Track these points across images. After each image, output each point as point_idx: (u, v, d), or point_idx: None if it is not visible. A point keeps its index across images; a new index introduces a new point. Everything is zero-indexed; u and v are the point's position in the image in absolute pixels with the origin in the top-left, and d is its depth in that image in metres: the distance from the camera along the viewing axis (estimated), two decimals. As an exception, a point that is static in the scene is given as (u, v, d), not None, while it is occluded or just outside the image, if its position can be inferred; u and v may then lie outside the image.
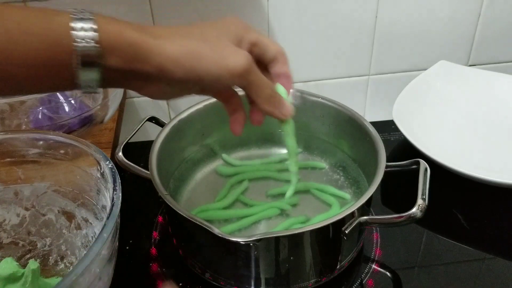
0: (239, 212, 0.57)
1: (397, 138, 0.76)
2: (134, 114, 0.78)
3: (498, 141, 0.71)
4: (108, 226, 0.38)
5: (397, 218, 0.47)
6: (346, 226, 0.47)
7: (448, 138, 0.71)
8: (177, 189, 0.60)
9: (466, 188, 0.65)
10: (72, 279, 0.34)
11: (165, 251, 0.58)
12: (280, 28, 0.72)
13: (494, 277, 0.54)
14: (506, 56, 0.81)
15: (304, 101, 0.64)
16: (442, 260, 0.56)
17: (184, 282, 0.54)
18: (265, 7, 0.70)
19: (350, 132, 0.61)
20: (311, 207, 0.58)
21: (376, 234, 0.59)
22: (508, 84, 0.76)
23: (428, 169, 0.52)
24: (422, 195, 0.48)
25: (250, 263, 0.48)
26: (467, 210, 0.63)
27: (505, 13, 0.76)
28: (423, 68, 0.77)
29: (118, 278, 0.46)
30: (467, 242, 0.59)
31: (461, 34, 0.78)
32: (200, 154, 0.65)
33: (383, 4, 0.72)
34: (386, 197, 0.65)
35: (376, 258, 0.56)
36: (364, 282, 0.54)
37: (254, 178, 0.62)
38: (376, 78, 0.80)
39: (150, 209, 0.64)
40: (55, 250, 0.53)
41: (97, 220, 0.50)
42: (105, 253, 0.40)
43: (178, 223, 0.52)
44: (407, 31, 0.76)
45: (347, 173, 0.62)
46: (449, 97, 0.76)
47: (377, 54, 0.77)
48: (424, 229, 0.61)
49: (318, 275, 0.51)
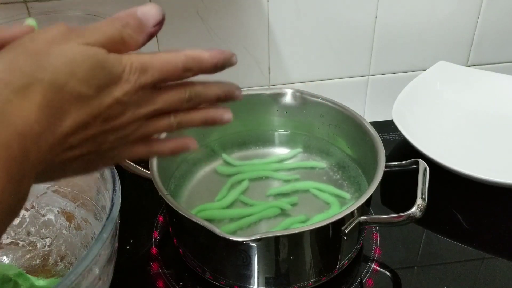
0: (239, 211, 0.57)
1: (397, 138, 0.76)
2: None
3: (497, 141, 0.71)
4: (107, 227, 0.38)
5: (396, 217, 0.47)
6: (346, 225, 0.47)
7: (447, 138, 0.71)
8: (178, 189, 0.60)
9: (465, 188, 0.65)
10: (72, 279, 0.34)
11: (165, 250, 0.58)
12: (280, 28, 0.72)
13: (494, 277, 0.54)
14: (506, 56, 0.81)
15: (304, 101, 0.64)
16: (442, 260, 0.56)
17: (184, 282, 0.54)
18: (265, 7, 0.70)
19: (350, 132, 0.61)
20: (311, 206, 0.58)
21: (375, 233, 0.59)
22: (508, 84, 0.76)
23: (427, 169, 0.52)
24: (421, 195, 0.48)
25: (250, 263, 0.48)
26: (467, 210, 0.63)
27: (504, 13, 0.76)
28: (422, 69, 0.78)
29: (118, 278, 0.46)
30: (466, 242, 0.59)
31: (460, 35, 0.78)
32: (200, 154, 0.65)
33: (383, 4, 0.72)
34: (385, 197, 0.65)
35: (375, 258, 0.56)
36: (364, 281, 0.54)
37: (254, 178, 0.62)
38: (376, 79, 0.80)
39: (150, 209, 0.64)
40: (55, 251, 0.53)
41: (96, 221, 0.50)
42: (105, 253, 0.40)
43: (179, 223, 0.52)
44: (406, 31, 0.76)
45: (346, 173, 0.62)
46: (449, 97, 0.76)
47: (377, 54, 0.77)
48: (424, 229, 0.61)
49: (318, 275, 0.51)
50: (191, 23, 0.70)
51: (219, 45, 0.72)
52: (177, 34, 0.70)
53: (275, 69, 0.76)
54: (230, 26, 0.71)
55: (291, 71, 0.77)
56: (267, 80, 0.77)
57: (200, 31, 0.71)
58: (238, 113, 0.65)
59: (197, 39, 0.71)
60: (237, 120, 0.66)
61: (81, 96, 0.27)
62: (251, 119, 0.67)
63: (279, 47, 0.74)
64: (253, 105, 0.66)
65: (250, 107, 0.66)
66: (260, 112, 0.66)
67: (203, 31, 0.71)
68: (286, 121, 0.67)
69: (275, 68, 0.76)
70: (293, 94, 0.64)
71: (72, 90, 0.27)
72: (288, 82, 0.78)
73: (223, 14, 0.70)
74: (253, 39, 0.73)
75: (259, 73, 0.76)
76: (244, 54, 0.74)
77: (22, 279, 0.48)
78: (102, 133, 0.29)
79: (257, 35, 0.72)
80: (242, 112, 0.66)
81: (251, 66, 0.75)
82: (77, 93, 0.27)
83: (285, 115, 0.66)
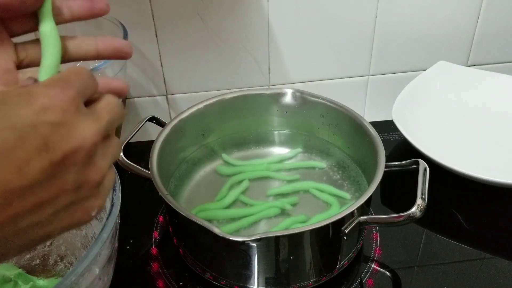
0: (239, 211, 0.57)
1: (397, 138, 0.76)
2: (135, 114, 0.78)
3: (497, 141, 0.71)
4: (107, 227, 0.38)
5: (396, 217, 0.47)
6: (346, 225, 0.47)
7: (447, 138, 0.71)
8: (178, 189, 0.60)
9: (465, 188, 0.65)
10: (72, 279, 0.34)
11: (165, 250, 0.58)
12: (280, 28, 0.72)
13: (493, 277, 0.54)
14: (505, 57, 0.81)
15: (304, 101, 0.64)
16: (442, 260, 0.56)
17: (184, 282, 0.54)
18: (265, 7, 0.70)
19: (349, 132, 0.61)
20: (310, 206, 0.58)
21: (375, 233, 0.59)
22: (508, 84, 0.76)
23: (427, 169, 0.52)
24: (421, 195, 0.48)
25: (250, 263, 0.48)
26: (467, 210, 0.63)
27: (504, 13, 0.76)
28: (422, 69, 0.78)
29: (118, 278, 0.46)
30: (466, 242, 0.59)
31: (460, 35, 0.78)
32: (200, 154, 0.65)
33: (383, 4, 0.72)
34: (385, 197, 0.65)
35: (375, 258, 0.56)
36: (364, 281, 0.54)
37: (254, 178, 0.62)
38: (376, 79, 0.80)
39: (150, 208, 0.64)
40: (55, 250, 0.53)
41: (96, 221, 0.50)
42: (105, 253, 0.40)
43: (179, 223, 0.52)
44: (406, 31, 0.76)
45: (346, 173, 0.62)
46: (449, 97, 0.76)
47: (377, 54, 0.77)
48: (424, 228, 0.61)
49: (318, 275, 0.51)
50: (191, 23, 0.70)
51: (219, 45, 0.72)
52: (177, 34, 0.70)
53: (275, 69, 0.76)
54: (230, 26, 0.71)
55: (291, 71, 0.77)
56: (267, 80, 0.77)
57: (200, 31, 0.71)
58: (238, 113, 0.66)
59: (197, 39, 0.71)
60: (237, 120, 0.66)
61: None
62: (251, 119, 0.67)
63: (279, 47, 0.74)
64: (253, 105, 0.66)
65: (250, 107, 0.66)
66: (260, 112, 0.66)
67: (203, 31, 0.71)
68: (286, 121, 0.67)
69: (275, 68, 0.76)
70: (293, 94, 0.64)
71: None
72: (288, 82, 0.78)
73: (223, 14, 0.70)
74: (253, 39, 0.73)
75: (259, 73, 0.76)
76: (244, 54, 0.74)
77: (22, 279, 0.48)
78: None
79: (257, 35, 0.72)
80: (242, 112, 0.66)
81: (251, 66, 0.75)
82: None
83: (285, 115, 0.66)
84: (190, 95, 0.77)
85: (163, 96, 0.77)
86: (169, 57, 0.73)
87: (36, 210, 0.24)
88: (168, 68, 0.74)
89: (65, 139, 0.24)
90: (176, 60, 0.73)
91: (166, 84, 0.76)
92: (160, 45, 0.71)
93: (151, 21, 0.69)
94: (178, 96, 0.77)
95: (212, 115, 0.64)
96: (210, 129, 0.65)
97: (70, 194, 0.25)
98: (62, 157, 0.24)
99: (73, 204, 0.26)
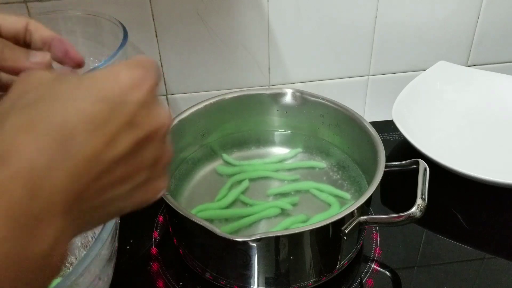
0: (239, 211, 0.57)
1: (397, 138, 0.76)
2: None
3: (497, 141, 0.71)
4: (107, 227, 0.38)
5: (396, 217, 0.47)
6: (346, 225, 0.47)
7: (447, 138, 0.71)
8: (178, 189, 0.60)
9: (465, 188, 0.65)
10: (72, 279, 0.34)
11: (165, 250, 0.58)
12: (280, 28, 0.72)
13: (494, 277, 0.54)
14: (505, 56, 0.81)
15: (304, 101, 0.64)
16: (442, 260, 0.56)
17: (184, 282, 0.54)
18: (265, 7, 0.70)
19: (349, 132, 0.61)
20: (311, 206, 0.58)
21: (375, 233, 0.59)
22: (508, 84, 0.76)
23: (427, 169, 0.52)
24: (421, 195, 0.48)
25: (250, 263, 0.48)
26: (467, 210, 0.63)
27: (504, 13, 0.76)
28: (422, 69, 0.78)
29: (118, 278, 0.46)
30: (466, 242, 0.59)
31: (460, 35, 0.78)
32: (200, 154, 0.65)
33: (383, 4, 0.72)
34: (385, 197, 0.65)
35: (375, 258, 0.56)
36: (364, 281, 0.54)
37: (254, 178, 0.62)
38: (376, 78, 0.80)
39: (150, 208, 0.63)
40: (55, 250, 0.53)
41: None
42: (105, 253, 0.40)
43: (179, 223, 0.52)
44: (406, 31, 0.76)
45: (346, 173, 0.62)
46: (449, 97, 0.76)
47: (377, 54, 0.77)
48: (424, 228, 0.61)
49: (318, 275, 0.51)
50: (191, 23, 0.70)
51: (219, 45, 0.72)
52: (177, 34, 0.70)
53: (275, 69, 0.76)
54: (230, 26, 0.71)
55: (291, 71, 0.77)
56: (267, 80, 0.77)
57: (200, 31, 0.71)
58: (238, 113, 0.66)
59: (197, 39, 0.71)
60: (237, 120, 0.66)
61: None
62: (251, 119, 0.67)
63: (279, 47, 0.74)
64: (253, 105, 0.66)
65: (250, 107, 0.66)
66: (260, 112, 0.66)
67: (203, 31, 0.71)
68: (286, 121, 0.67)
69: (275, 68, 0.76)
70: (293, 94, 0.64)
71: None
72: (288, 82, 0.78)
73: (223, 14, 0.70)
74: (253, 39, 0.73)
75: (259, 73, 0.76)
76: (244, 54, 0.74)
77: None
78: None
79: (257, 35, 0.72)
80: (242, 112, 0.66)
81: (251, 66, 0.75)
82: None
83: (285, 115, 0.66)
84: (190, 95, 0.77)
85: (163, 96, 0.77)
86: (169, 57, 0.73)
87: (119, 185, 0.25)
88: (168, 68, 0.74)
89: (149, 118, 0.25)
90: (176, 60, 0.73)
91: (166, 84, 0.76)
92: (160, 45, 0.71)
93: (151, 21, 0.69)
94: (178, 96, 0.77)
95: (212, 115, 0.64)
96: (210, 129, 0.65)
97: (147, 171, 0.26)
98: (146, 135, 0.25)
99: (147, 182, 0.27)
